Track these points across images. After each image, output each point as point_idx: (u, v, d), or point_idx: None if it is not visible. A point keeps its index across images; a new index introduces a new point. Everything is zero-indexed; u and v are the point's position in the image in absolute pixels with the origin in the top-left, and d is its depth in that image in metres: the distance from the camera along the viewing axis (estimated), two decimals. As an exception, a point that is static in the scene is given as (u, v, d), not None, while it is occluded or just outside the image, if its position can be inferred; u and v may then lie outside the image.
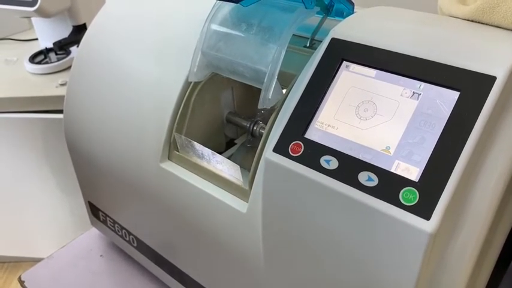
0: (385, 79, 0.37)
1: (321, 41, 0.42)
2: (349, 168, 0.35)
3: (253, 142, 0.56)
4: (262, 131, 0.52)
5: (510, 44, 0.36)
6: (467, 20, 0.42)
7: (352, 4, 0.48)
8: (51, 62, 1.25)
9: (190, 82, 0.50)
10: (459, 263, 0.34)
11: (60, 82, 1.17)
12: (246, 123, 0.55)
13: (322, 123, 0.38)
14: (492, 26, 0.40)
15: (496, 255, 0.41)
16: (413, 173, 0.33)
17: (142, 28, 0.58)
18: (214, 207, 0.47)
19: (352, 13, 0.47)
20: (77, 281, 0.69)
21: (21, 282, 0.69)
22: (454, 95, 0.34)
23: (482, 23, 0.41)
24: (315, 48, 0.43)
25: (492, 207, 0.33)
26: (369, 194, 0.34)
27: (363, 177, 0.35)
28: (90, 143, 0.61)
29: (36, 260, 0.73)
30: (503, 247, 0.42)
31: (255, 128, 0.54)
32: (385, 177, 0.34)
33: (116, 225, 0.67)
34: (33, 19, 1.32)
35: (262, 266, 0.44)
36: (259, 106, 0.44)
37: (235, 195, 0.46)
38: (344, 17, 0.45)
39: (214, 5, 0.48)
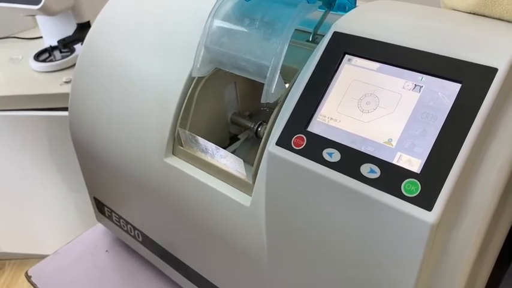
0: (387, 72, 0.38)
1: (324, 35, 0.43)
2: (351, 160, 0.36)
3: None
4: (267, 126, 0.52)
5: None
6: (469, 12, 0.42)
7: (355, -2, 0.48)
8: (56, 60, 1.26)
9: (194, 77, 0.51)
10: (461, 254, 0.34)
11: (64, 80, 1.18)
12: (251, 124, 0.55)
13: (325, 117, 0.38)
14: (494, 18, 0.41)
15: (499, 248, 0.41)
16: (415, 164, 0.33)
17: (146, 24, 0.58)
18: (218, 202, 0.48)
19: (355, 7, 0.47)
20: (83, 276, 0.70)
21: (28, 278, 0.70)
22: (456, 87, 0.34)
23: (484, 16, 0.41)
24: (318, 43, 0.44)
25: (494, 199, 0.34)
26: (371, 185, 0.34)
27: (365, 169, 0.35)
28: (95, 140, 0.62)
29: (43, 257, 0.74)
30: (507, 243, 0.42)
31: (259, 129, 0.55)
32: (387, 169, 0.34)
33: (121, 220, 0.67)
34: (37, 17, 1.33)
35: (265, 259, 0.45)
36: (262, 100, 0.44)
37: (239, 189, 0.47)
38: (346, 11, 0.45)
39: (217, 0, 0.49)
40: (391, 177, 0.34)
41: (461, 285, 0.34)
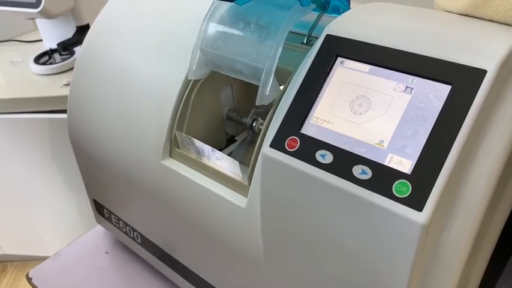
0: (378, 74, 0.38)
1: (318, 38, 0.43)
2: (343, 162, 0.36)
3: (253, 138, 0.56)
4: (262, 127, 0.53)
5: (501, 37, 0.37)
6: (461, 14, 0.42)
7: (348, 0, 0.49)
8: (56, 63, 1.26)
9: (190, 80, 0.51)
10: (453, 254, 0.34)
11: (64, 82, 1.18)
12: (246, 120, 0.56)
13: (318, 119, 0.39)
14: (485, 19, 0.41)
15: (492, 246, 0.41)
16: (406, 165, 0.34)
17: (144, 26, 0.59)
18: (214, 203, 0.48)
19: (349, 9, 0.47)
20: (83, 277, 0.70)
21: (29, 279, 0.70)
22: (446, 89, 0.35)
23: (475, 17, 0.42)
24: (312, 45, 0.44)
25: (485, 199, 0.34)
26: (363, 186, 0.34)
27: (357, 170, 0.35)
28: (93, 142, 0.62)
29: (44, 258, 0.74)
30: (503, 243, 0.42)
31: (254, 124, 0.55)
32: (379, 170, 0.35)
33: (120, 222, 0.68)
34: (37, 20, 1.34)
35: (262, 260, 0.45)
36: (257, 102, 0.44)
37: (235, 190, 0.47)
38: (340, 13, 0.46)
39: (212, 4, 0.49)
40: (382, 178, 0.34)
41: (453, 284, 0.35)
